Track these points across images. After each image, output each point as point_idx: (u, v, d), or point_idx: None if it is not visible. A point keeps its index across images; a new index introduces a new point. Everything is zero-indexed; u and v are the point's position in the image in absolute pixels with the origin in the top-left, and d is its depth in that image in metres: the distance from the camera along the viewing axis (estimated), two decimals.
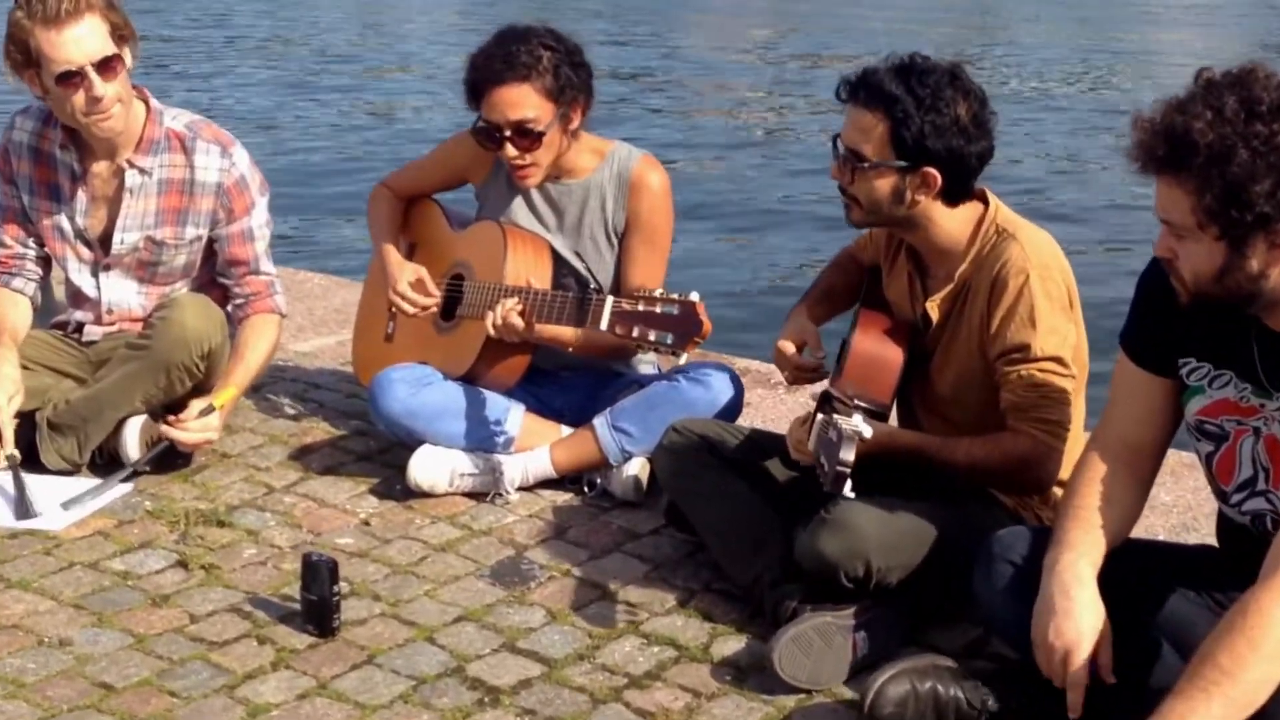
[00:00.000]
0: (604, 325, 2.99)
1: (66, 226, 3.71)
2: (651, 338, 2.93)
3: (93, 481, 3.53)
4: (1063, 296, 2.86)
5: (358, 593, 3.09)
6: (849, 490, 2.49)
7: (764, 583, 2.94)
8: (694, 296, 2.93)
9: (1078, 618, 2.30)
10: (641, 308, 2.95)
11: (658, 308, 2.94)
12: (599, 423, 3.53)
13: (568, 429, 3.62)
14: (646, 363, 3.77)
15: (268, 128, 11.00)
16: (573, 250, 3.62)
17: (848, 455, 2.47)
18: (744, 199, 9.50)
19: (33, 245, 3.76)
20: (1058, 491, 2.91)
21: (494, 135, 3.51)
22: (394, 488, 3.59)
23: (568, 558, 3.26)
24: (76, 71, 3.42)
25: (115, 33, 3.47)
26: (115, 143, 3.60)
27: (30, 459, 3.49)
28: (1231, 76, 2.21)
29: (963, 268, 2.93)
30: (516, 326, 3.34)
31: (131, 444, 3.58)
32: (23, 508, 3.38)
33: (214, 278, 3.81)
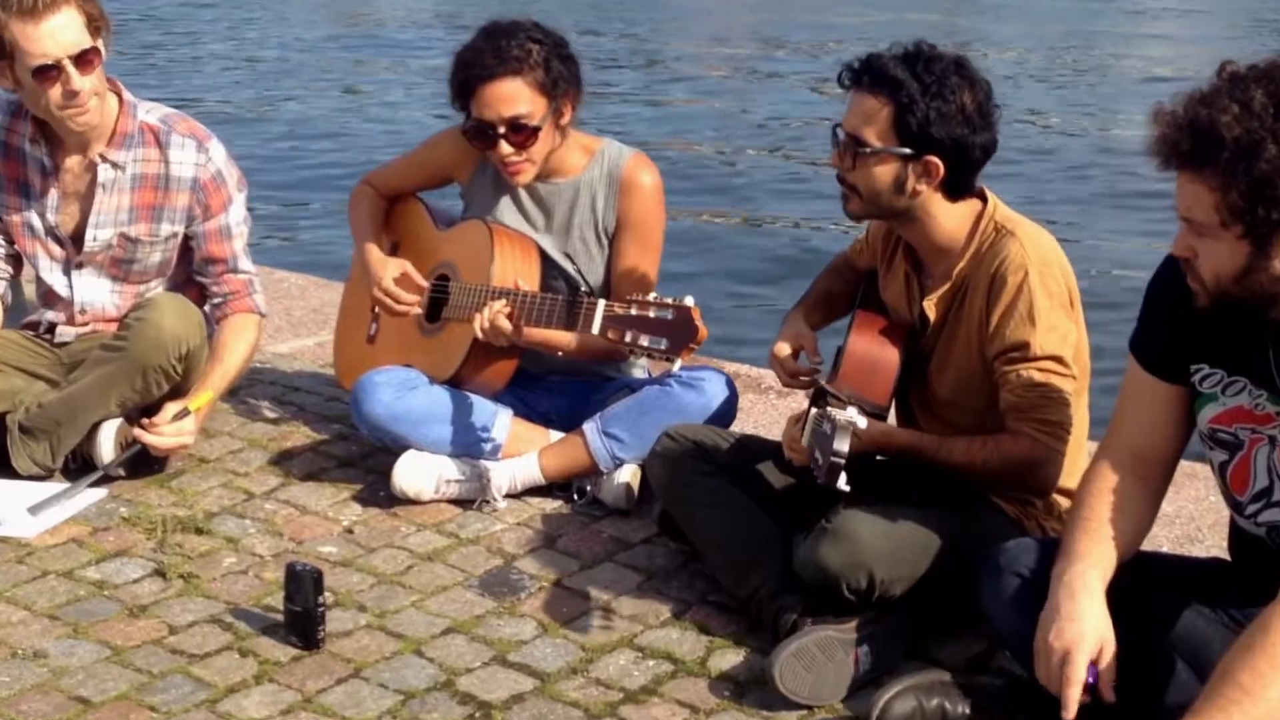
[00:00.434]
0: (596, 329, 2.93)
1: (37, 223, 3.61)
2: (645, 343, 2.86)
3: (61, 486, 3.43)
4: (1063, 294, 2.81)
5: (342, 603, 3.01)
6: (844, 483, 2.44)
7: (762, 594, 2.86)
8: (689, 301, 2.86)
9: (1080, 621, 2.24)
10: (634, 312, 2.88)
11: (651, 312, 2.87)
12: (589, 428, 3.45)
13: (556, 434, 3.54)
14: (637, 367, 3.70)
15: (241, 121, 10.86)
16: (562, 251, 3.54)
17: (842, 446, 2.42)
18: (725, 186, 9.47)
19: (1, 243, 3.66)
20: (1062, 501, 2.87)
21: (487, 133, 3.42)
22: (378, 494, 3.51)
23: (558, 568, 3.19)
24: (54, 65, 3.33)
25: (91, 24, 3.38)
26: (88, 136, 3.51)
27: (0, 464, 3.39)
28: (1258, 70, 2.15)
29: (961, 265, 2.88)
30: (505, 329, 3.26)
31: (107, 448, 3.50)
32: None
33: (191, 276, 3.72)
